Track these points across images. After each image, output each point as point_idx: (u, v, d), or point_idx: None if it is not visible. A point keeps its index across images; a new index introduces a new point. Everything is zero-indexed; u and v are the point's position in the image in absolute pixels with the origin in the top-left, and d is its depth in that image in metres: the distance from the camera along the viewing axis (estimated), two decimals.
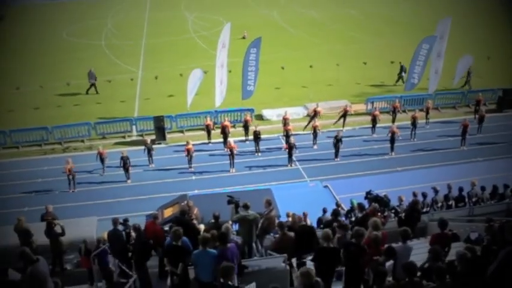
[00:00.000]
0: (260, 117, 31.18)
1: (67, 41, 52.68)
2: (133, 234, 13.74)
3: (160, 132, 28.36)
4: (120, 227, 14.48)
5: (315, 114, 28.65)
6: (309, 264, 10.18)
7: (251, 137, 27.12)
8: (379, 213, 13.54)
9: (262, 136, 26.94)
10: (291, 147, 24.98)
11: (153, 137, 28.37)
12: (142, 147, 25.94)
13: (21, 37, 54.22)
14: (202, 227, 13.48)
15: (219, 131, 27.64)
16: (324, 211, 16.79)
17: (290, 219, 13.47)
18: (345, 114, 29.08)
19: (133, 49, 48.49)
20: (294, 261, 11.15)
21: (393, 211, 17.06)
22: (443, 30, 31.98)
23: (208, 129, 27.71)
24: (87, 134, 28.98)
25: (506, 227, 8.14)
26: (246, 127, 28.00)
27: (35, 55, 46.80)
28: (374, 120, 28.36)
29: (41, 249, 13.54)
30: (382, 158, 26.12)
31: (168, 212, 17.52)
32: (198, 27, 57.56)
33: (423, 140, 27.99)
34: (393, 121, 29.34)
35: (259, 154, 26.73)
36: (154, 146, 26.34)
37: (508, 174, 20.87)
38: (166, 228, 13.72)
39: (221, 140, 27.57)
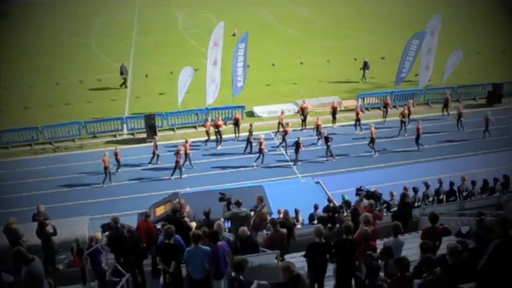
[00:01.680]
0: (251, 114, 31.15)
1: (56, 40, 52.36)
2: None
3: (152, 130, 28.29)
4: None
5: (302, 112, 28.66)
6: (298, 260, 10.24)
7: (243, 133, 27.14)
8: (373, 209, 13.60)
9: (254, 133, 26.86)
10: (298, 146, 24.97)
11: (145, 135, 28.36)
12: (136, 145, 25.91)
13: (8, 35, 53.81)
14: (194, 224, 13.45)
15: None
16: (316, 207, 16.84)
17: (281, 215, 13.49)
18: (334, 111, 29.10)
19: (123, 47, 48.28)
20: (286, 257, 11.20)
21: (385, 205, 17.17)
22: (434, 26, 32.16)
23: (207, 130, 27.33)
24: (78, 133, 28.81)
25: (495, 220, 8.20)
26: (236, 125, 27.92)
27: (23, 54, 46.43)
28: (357, 118, 28.40)
29: (32, 249, 13.45)
30: (373, 154, 26.19)
31: (160, 210, 17.51)
32: (188, 25, 57.46)
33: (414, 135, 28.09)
34: (384, 117, 29.47)
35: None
36: (145, 144, 26.29)
37: (498, 168, 21.03)
38: (159, 226, 13.69)
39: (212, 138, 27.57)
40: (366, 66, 36.89)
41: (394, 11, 61.96)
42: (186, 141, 25.04)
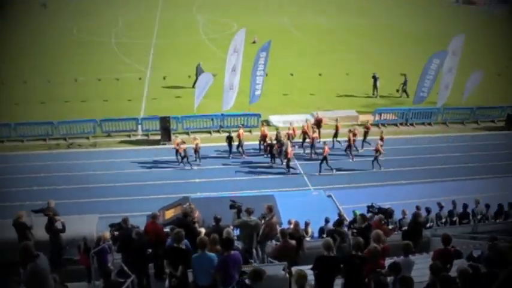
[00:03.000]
0: (267, 123, 31.04)
1: (77, 36, 52.81)
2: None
3: (166, 133, 28.31)
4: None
5: (318, 124, 28.36)
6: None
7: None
8: (383, 225, 13.45)
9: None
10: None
11: (159, 137, 28.38)
12: (150, 146, 25.93)
13: (30, 30, 54.32)
14: (203, 230, 13.36)
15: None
16: (326, 221, 16.66)
17: (292, 226, 13.36)
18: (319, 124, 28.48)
19: (142, 48, 48.54)
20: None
21: (397, 224, 16.96)
22: (456, 46, 31.87)
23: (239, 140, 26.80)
24: (92, 131, 28.93)
25: (509, 247, 8.04)
26: (264, 140, 27.27)
27: (43, 49, 46.86)
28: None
29: (40, 244, 13.42)
30: (387, 170, 25.89)
31: (170, 214, 17.45)
32: (209, 30, 57.66)
33: (431, 155, 27.74)
34: (334, 136, 28.05)
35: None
36: (159, 147, 26.28)
37: None
38: (167, 229, 13.61)
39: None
40: (375, 80, 36.67)
41: (423, 27, 61.52)
42: (195, 138, 25.78)
